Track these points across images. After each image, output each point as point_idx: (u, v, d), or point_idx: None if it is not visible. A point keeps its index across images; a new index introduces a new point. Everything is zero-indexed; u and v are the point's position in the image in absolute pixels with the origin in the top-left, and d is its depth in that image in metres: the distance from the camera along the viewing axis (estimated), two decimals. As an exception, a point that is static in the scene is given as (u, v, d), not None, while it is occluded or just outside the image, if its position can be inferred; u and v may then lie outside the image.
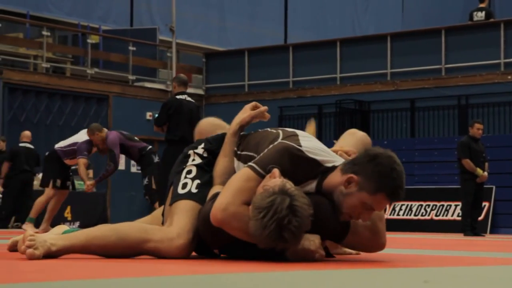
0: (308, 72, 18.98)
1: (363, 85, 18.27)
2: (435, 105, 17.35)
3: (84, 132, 11.16)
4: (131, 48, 19.25)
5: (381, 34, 19.08)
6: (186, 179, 4.12)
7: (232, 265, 3.55)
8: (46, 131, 17.31)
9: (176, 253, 3.87)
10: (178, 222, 3.94)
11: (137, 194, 17.33)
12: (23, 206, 14.29)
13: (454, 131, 17.14)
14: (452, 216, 16.08)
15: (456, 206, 15.85)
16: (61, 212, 14.32)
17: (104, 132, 11.01)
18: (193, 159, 4.21)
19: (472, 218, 13.13)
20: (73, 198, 14.95)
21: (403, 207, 16.65)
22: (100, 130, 10.98)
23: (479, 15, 17.71)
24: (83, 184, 11.79)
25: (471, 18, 17.88)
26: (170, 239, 3.87)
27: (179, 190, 4.08)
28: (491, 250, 6.64)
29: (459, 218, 14.67)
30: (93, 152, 11.49)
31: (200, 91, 20.32)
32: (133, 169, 18.00)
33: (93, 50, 19.15)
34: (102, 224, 4.03)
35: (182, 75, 11.40)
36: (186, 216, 3.96)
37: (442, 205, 16.34)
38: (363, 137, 4.44)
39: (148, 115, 18.77)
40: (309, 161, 3.85)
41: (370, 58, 18.31)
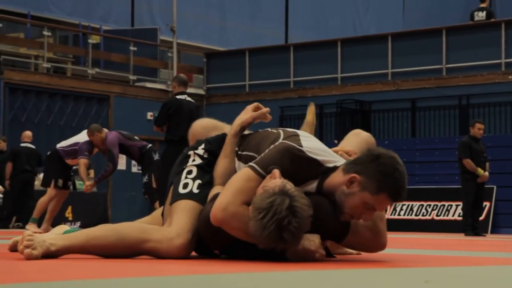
0: (309, 72, 18.98)
1: (364, 85, 18.26)
2: (436, 105, 17.34)
3: (86, 133, 11.17)
4: (132, 48, 19.26)
5: (382, 34, 19.08)
6: (187, 179, 4.11)
7: (232, 265, 3.55)
8: (47, 131, 17.31)
9: (176, 253, 3.86)
10: (178, 222, 3.93)
11: (138, 194, 17.32)
12: (24, 206, 14.30)
13: (455, 131, 17.13)
14: (453, 216, 16.07)
15: (457, 206, 15.84)
16: (62, 212, 14.32)
17: (104, 133, 11.01)
18: (193, 160, 4.20)
19: (473, 218, 13.13)
20: (74, 198, 14.97)
21: (404, 207, 16.64)
22: (100, 131, 10.98)
23: (480, 15, 17.71)
24: (84, 184, 11.80)
25: (472, 18, 17.87)
26: (170, 239, 3.86)
27: (180, 190, 4.06)
28: (492, 250, 6.64)
29: (460, 218, 14.67)
30: (95, 153, 11.50)
31: (201, 91, 20.32)
32: (134, 169, 18.00)
33: (94, 50, 19.15)
34: (102, 224, 4.03)
35: (182, 75, 11.38)
36: (186, 216, 3.95)
37: (443, 205, 16.33)
38: (368, 138, 4.43)
39: (149, 115, 18.76)
40: (310, 161, 3.84)
41: (371, 58, 18.30)
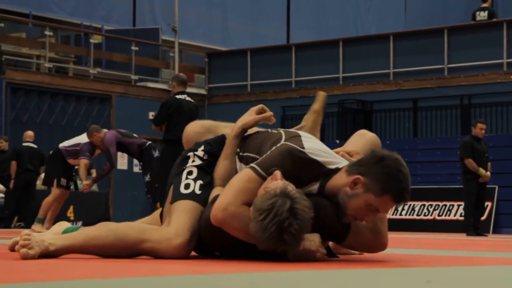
0: (311, 72, 18.97)
1: (366, 85, 18.25)
2: (438, 105, 17.33)
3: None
4: (134, 48, 19.26)
5: (384, 34, 19.06)
6: (188, 180, 4.09)
7: (232, 265, 3.54)
8: (49, 131, 17.31)
9: (174, 253, 3.84)
10: (177, 221, 3.92)
11: (140, 194, 17.32)
12: (26, 206, 14.30)
13: (457, 131, 17.12)
14: (455, 216, 16.06)
15: (459, 206, 15.83)
16: (64, 212, 14.31)
17: (103, 133, 11.02)
18: (193, 161, 4.18)
19: (475, 218, 13.12)
20: (76, 198, 14.98)
21: (406, 207, 16.63)
22: (99, 131, 10.99)
23: (482, 15, 17.69)
24: (81, 184, 11.82)
25: (474, 18, 17.86)
26: (168, 239, 3.85)
27: (182, 190, 4.04)
28: (494, 250, 6.63)
29: (462, 218, 14.66)
30: (97, 154, 11.51)
31: (203, 91, 20.33)
32: (136, 169, 18.00)
33: (96, 50, 19.15)
34: (102, 223, 4.03)
35: (182, 75, 11.37)
36: (186, 216, 3.93)
37: (445, 205, 16.32)
38: (373, 138, 4.41)
39: (151, 115, 18.72)
40: (312, 163, 3.83)
41: (373, 58, 18.29)
